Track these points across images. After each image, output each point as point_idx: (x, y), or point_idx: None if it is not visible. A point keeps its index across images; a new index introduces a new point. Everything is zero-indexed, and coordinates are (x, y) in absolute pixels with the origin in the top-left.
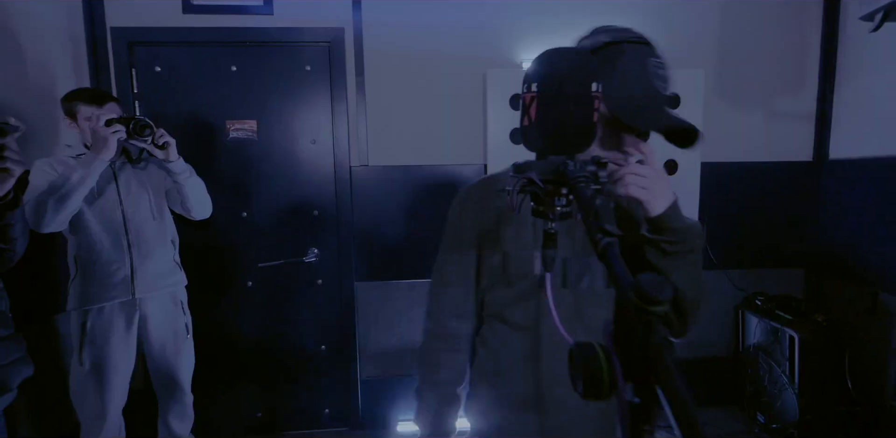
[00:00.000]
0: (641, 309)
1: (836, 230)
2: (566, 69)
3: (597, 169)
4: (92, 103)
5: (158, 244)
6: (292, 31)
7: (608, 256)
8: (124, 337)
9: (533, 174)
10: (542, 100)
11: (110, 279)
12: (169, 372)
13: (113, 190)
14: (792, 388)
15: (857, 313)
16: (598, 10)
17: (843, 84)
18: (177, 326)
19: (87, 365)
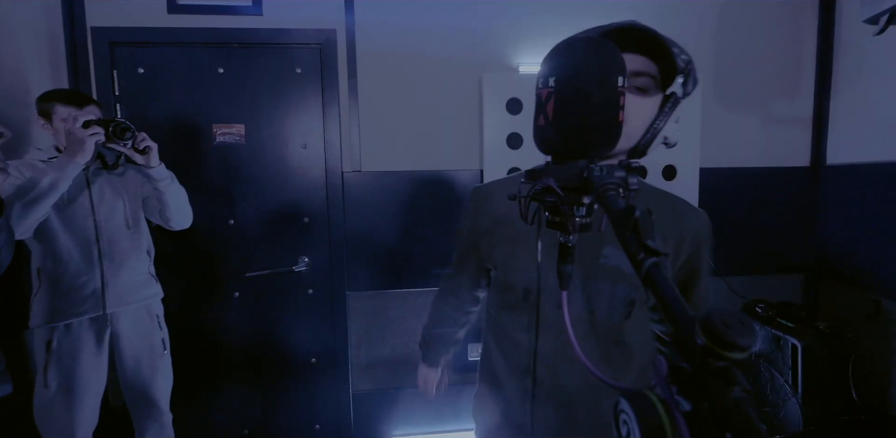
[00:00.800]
0: (715, 354)
1: (834, 236)
2: (589, 61)
3: (626, 174)
4: (70, 104)
5: (132, 255)
6: (282, 32)
7: (656, 280)
8: (95, 356)
9: (550, 180)
10: (562, 97)
11: (79, 293)
12: (144, 391)
13: (85, 196)
14: (795, 398)
15: (859, 320)
16: (595, 12)
17: (840, 89)
18: (152, 342)
19: (54, 386)
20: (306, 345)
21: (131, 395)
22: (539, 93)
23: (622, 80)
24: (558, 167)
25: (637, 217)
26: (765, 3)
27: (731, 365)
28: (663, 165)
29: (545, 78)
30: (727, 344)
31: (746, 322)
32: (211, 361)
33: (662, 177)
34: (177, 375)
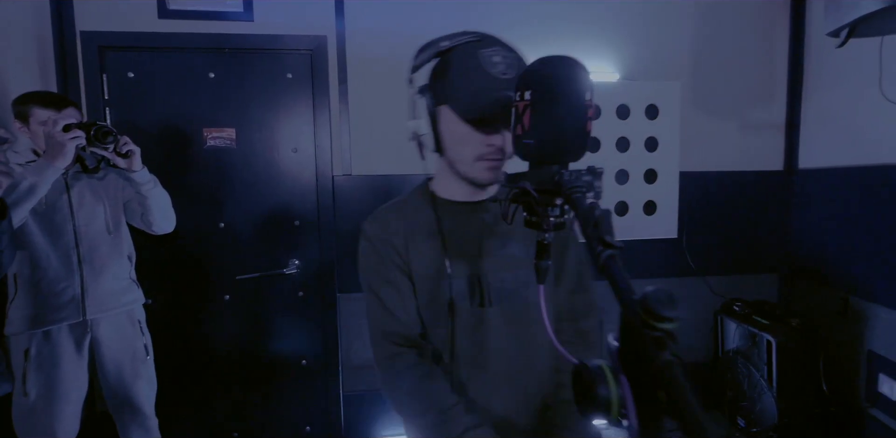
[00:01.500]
0: (650, 326)
1: (807, 236)
2: (562, 78)
3: (592, 178)
4: (49, 106)
5: (113, 260)
6: (273, 38)
7: (611, 270)
8: (75, 362)
9: (527, 184)
10: (537, 109)
11: (57, 299)
12: (127, 397)
13: (64, 201)
14: (770, 392)
15: (830, 316)
16: (577, 22)
17: (810, 97)
18: (134, 348)
19: (33, 395)
20: (297, 347)
21: (114, 401)
22: (516, 105)
23: (589, 94)
24: (534, 172)
25: (598, 215)
26: (740, 16)
27: (665, 334)
28: (645, 169)
29: (522, 91)
30: (658, 317)
31: (671, 299)
32: (202, 363)
33: (644, 181)
34: (167, 378)
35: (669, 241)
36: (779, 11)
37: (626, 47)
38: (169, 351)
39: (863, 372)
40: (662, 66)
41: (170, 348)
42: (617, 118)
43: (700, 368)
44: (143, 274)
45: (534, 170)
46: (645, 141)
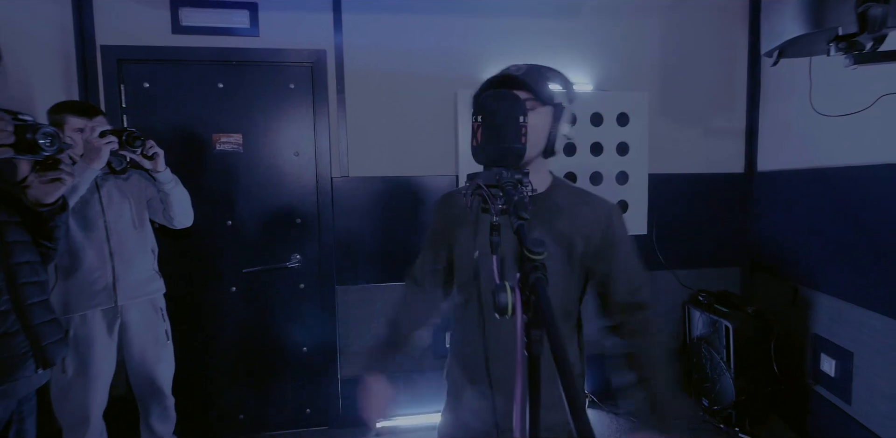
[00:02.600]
0: (530, 259)
1: (765, 233)
2: (500, 106)
3: (521, 177)
4: (82, 115)
5: (139, 253)
6: (277, 52)
7: (520, 231)
8: (107, 344)
9: (480, 181)
10: (485, 129)
11: (93, 287)
12: (149, 377)
13: (96, 199)
14: (729, 373)
15: (782, 304)
16: (555, 38)
17: (766, 106)
18: (157, 332)
19: (70, 372)
20: (298, 335)
21: (138, 380)
22: (473, 125)
23: (523, 119)
24: (485, 173)
25: (515, 200)
26: (703, 33)
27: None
28: (617, 171)
29: (475, 115)
30: (533, 252)
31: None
32: (210, 350)
33: (616, 182)
34: (178, 363)
35: (640, 237)
36: (738, 29)
37: (599, 61)
38: (181, 337)
39: (809, 354)
40: (632, 77)
41: (182, 335)
42: (591, 125)
43: (670, 354)
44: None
45: (485, 171)
46: (616, 146)
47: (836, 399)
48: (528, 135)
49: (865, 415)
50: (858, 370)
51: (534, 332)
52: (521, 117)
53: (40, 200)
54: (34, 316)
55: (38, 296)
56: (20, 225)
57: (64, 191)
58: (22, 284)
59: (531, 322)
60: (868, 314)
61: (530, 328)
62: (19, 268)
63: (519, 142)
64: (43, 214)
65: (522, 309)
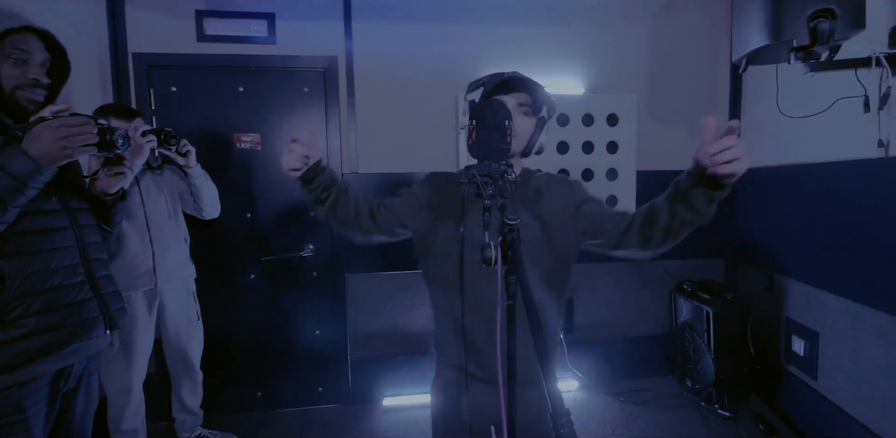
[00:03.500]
0: (507, 223)
1: (745, 226)
2: (491, 112)
3: (506, 168)
4: (123, 117)
5: (174, 241)
6: (292, 58)
7: (503, 206)
8: (147, 322)
9: (474, 171)
10: (478, 131)
11: (136, 270)
12: (182, 353)
13: (136, 192)
14: (709, 355)
15: (759, 291)
16: (549, 44)
17: (746, 108)
18: (189, 313)
19: (116, 345)
20: (311, 319)
21: (172, 357)
22: (468, 126)
23: (508, 123)
24: (478, 164)
25: (500, 184)
26: (688, 39)
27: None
28: (607, 168)
29: (471, 119)
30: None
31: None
32: (231, 332)
33: (606, 178)
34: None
35: None
36: (721, 36)
37: (590, 65)
38: (206, 319)
39: (782, 336)
40: (621, 81)
41: (207, 317)
42: (582, 125)
43: (658, 339)
44: None
45: (479, 164)
46: (606, 144)
47: (805, 376)
48: (513, 135)
49: (829, 389)
50: (823, 348)
51: (510, 277)
52: (507, 121)
53: (106, 190)
54: (103, 286)
55: (104, 271)
56: (88, 211)
57: (125, 183)
58: (93, 260)
59: (508, 270)
60: (831, 297)
61: (508, 274)
62: (90, 246)
63: (505, 142)
64: (107, 202)
65: (502, 260)
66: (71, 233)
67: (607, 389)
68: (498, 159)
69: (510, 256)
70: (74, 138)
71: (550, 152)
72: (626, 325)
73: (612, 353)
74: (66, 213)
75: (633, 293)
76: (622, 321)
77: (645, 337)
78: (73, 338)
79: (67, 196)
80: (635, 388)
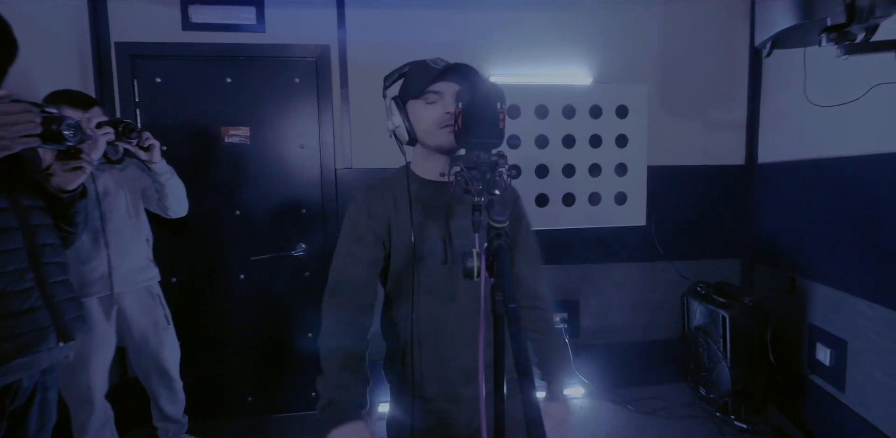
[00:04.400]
0: (493, 226)
1: (765, 224)
2: (479, 93)
3: (498, 158)
4: (78, 107)
5: (134, 242)
6: (282, 47)
7: (491, 205)
8: (104, 330)
9: (460, 164)
10: (465, 115)
11: (89, 276)
12: (154, 360)
13: (91, 190)
14: (725, 362)
15: (779, 294)
16: (555, 31)
17: (766, 99)
18: (156, 317)
19: (71, 356)
20: (303, 322)
21: (141, 365)
22: (455, 112)
23: (500, 105)
24: (466, 155)
25: (487, 178)
26: (703, 24)
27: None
28: (615, 163)
29: (457, 102)
30: (494, 220)
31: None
32: (220, 335)
33: (615, 174)
34: (189, 347)
35: (639, 229)
36: (739, 19)
37: (598, 53)
38: (192, 322)
39: (804, 343)
40: (631, 70)
41: (193, 319)
42: (590, 117)
43: (670, 344)
44: (170, 255)
45: (467, 154)
46: (615, 138)
47: (831, 387)
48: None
49: (858, 403)
50: (852, 358)
51: (497, 294)
52: (499, 104)
53: (62, 187)
54: (56, 293)
55: (60, 276)
56: (43, 209)
57: (84, 179)
58: (45, 264)
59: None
60: (862, 303)
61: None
62: (43, 249)
63: (498, 127)
64: (64, 200)
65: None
66: (19, 234)
67: (615, 397)
68: (489, 148)
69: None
70: (13, 128)
71: (556, 146)
72: (635, 329)
73: (621, 358)
74: (14, 212)
75: (642, 295)
76: (631, 324)
77: (655, 341)
78: (20, 352)
79: (18, 193)
80: (645, 396)
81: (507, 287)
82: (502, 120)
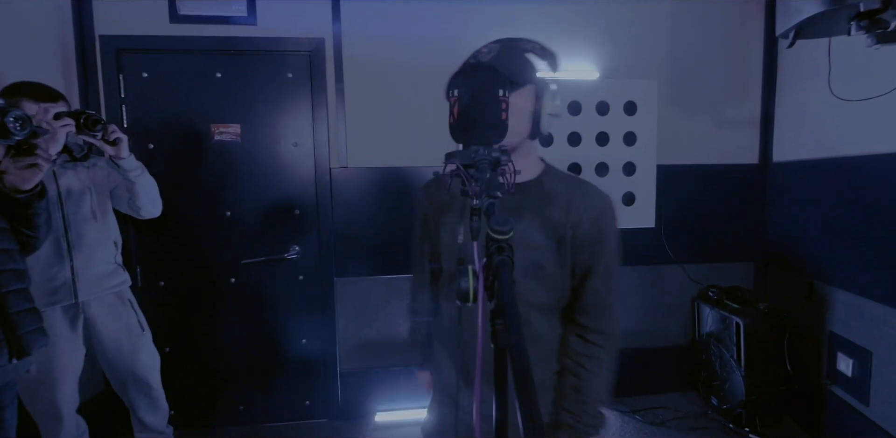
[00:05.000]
0: (495, 239)
1: (780, 226)
2: (476, 80)
3: (500, 155)
4: (39, 101)
5: (100, 246)
6: (275, 40)
7: (492, 210)
8: (70, 340)
9: (456, 161)
10: (461, 103)
11: (50, 283)
12: (131, 370)
13: (53, 190)
14: (739, 371)
15: (796, 300)
16: (560, 24)
17: (783, 94)
18: (129, 324)
19: (34, 370)
20: (297, 328)
21: (116, 375)
22: (449, 100)
23: (503, 92)
24: (463, 152)
25: (487, 178)
26: (715, 17)
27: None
28: (623, 162)
29: (451, 90)
30: (498, 231)
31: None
32: (210, 341)
33: (623, 173)
34: (177, 354)
35: (648, 231)
36: (753, 11)
37: (605, 47)
38: (181, 327)
39: (824, 352)
40: (640, 64)
41: (182, 325)
42: (597, 114)
43: (679, 351)
44: (157, 258)
45: (463, 150)
46: (623, 135)
47: (853, 399)
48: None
49: (884, 417)
50: (877, 369)
51: (498, 322)
52: (502, 91)
53: (17, 186)
54: (10, 304)
55: (16, 284)
56: None
57: (41, 177)
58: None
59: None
60: (888, 311)
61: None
62: None
63: (499, 117)
64: (21, 201)
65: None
66: None
67: (623, 406)
68: (489, 143)
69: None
70: None
71: (560, 144)
72: (644, 335)
73: (628, 366)
74: None
75: (651, 299)
76: (639, 330)
77: (664, 348)
78: None
79: None
80: (654, 405)
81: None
82: (505, 109)
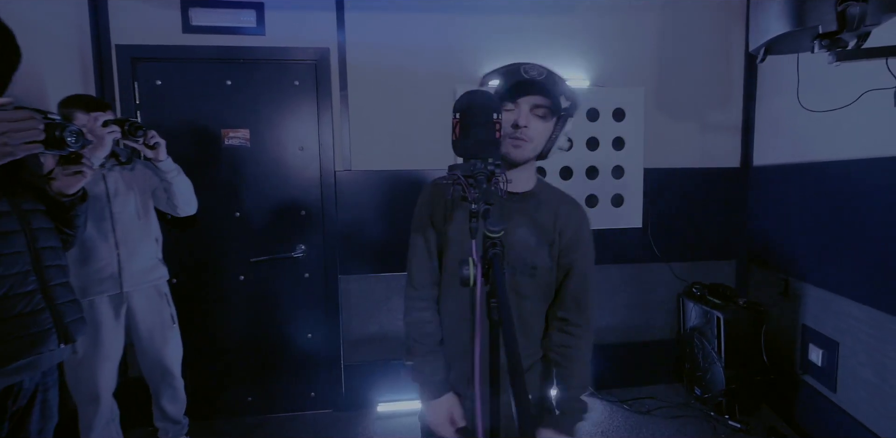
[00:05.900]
0: (489, 237)
1: (759, 227)
2: (475, 104)
3: (494, 168)
4: (89, 111)
5: (143, 242)
6: (282, 50)
7: (487, 214)
8: (113, 328)
9: (458, 172)
10: (462, 124)
11: (99, 274)
12: (158, 359)
13: (101, 190)
14: (720, 362)
15: (773, 296)
16: (552, 34)
17: (761, 102)
18: (163, 317)
19: (80, 353)
20: (303, 323)
21: (147, 363)
22: (453, 121)
23: (496, 115)
24: (464, 164)
25: (484, 188)
26: (699, 29)
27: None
28: (612, 166)
29: (454, 112)
30: (490, 230)
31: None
32: (220, 335)
33: (612, 176)
34: (189, 347)
35: (636, 231)
36: (735, 24)
37: (595, 57)
38: (192, 323)
39: (798, 344)
40: (628, 73)
41: (193, 320)
42: (587, 120)
43: (665, 345)
44: (171, 256)
45: (464, 163)
46: (612, 140)
47: (823, 387)
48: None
49: (849, 403)
50: (844, 359)
51: (493, 301)
52: (496, 114)
53: (63, 191)
54: (57, 295)
55: (61, 278)
56: (44, 213)
57: (84, 183)
58: (47, 266)
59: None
60: (852, 304)
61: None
62: (44, 252)
63: (493, 136)
64: (65, 204)
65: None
66: (22, 238)
67: (611, 396)
68: (486, 157)
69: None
70: (16, 134)
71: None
72: (631, 329)
73: (617, 359)
74: (16, 216)
75: (638, 296)
76: (627, 325)
77: (651, 342)
78: (22, 353)
79: (19, 197)
80: (640, 396)
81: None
82: (498, 130)
